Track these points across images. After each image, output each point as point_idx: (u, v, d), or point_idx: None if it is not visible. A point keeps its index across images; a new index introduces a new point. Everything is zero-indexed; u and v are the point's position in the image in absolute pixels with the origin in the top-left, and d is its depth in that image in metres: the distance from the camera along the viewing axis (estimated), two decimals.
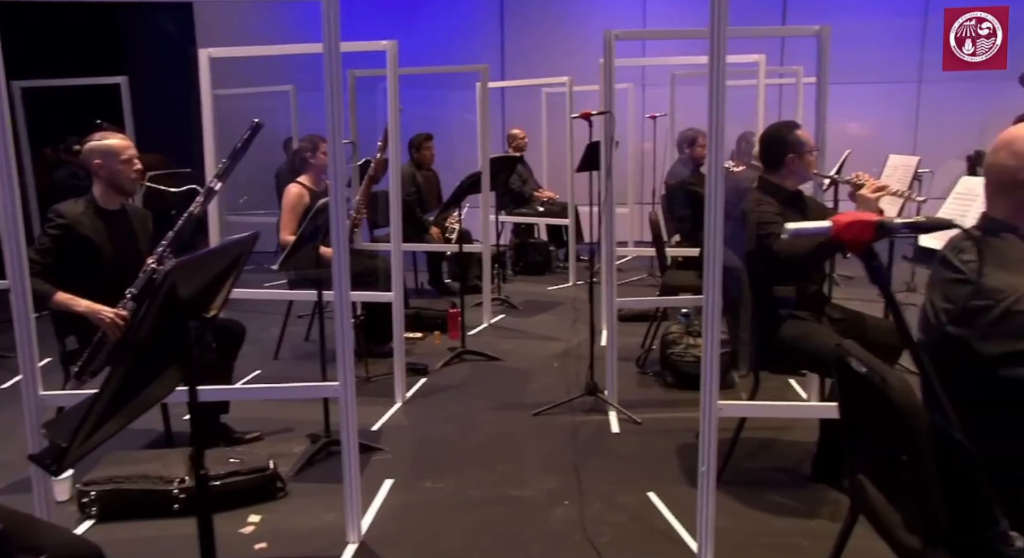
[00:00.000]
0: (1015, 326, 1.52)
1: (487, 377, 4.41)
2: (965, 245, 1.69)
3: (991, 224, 1.69)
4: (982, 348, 1.57)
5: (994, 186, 1.70)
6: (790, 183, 3.11)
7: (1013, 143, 1.66)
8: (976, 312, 1.58)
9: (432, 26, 8.54)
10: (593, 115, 3.68)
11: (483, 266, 5.44)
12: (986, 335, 1.56)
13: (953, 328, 1.63)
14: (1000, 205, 1.69)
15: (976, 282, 1.59)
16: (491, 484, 3.12)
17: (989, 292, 1.56)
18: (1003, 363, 1.54)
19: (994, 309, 1.54)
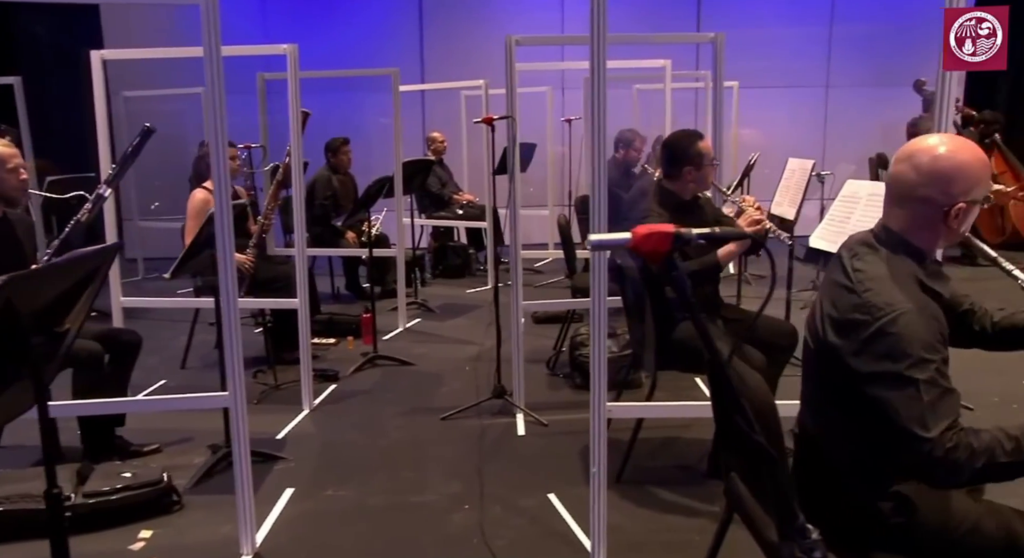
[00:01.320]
0: (885, 346, 1.52)
1: (398, 382, 4.39)
2: (861, 251, 1.69)
3: (886, 234, 1.69)
4: (853, 362, 1.57)
5: (893, 197, 1.70)
6: (686, 192, 3.18)
7: (914, 157, 1.65)
8: (854, 325, 1.58)
9: (351, 28, 8.45)
10: (495, 120, 3.69)
11: (398, 270, 5.41)
12: (858, 350, 1.56)
13: (833, 337, 1.63)
14: (897, 216, 1.69)
15: (861, 294, 1.59)
16: (393, 491, 3.11)
17: (869, 307, 1.56)
18: (868, 381, 1.55)
19: (871, 326, 1.54)
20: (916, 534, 1.68)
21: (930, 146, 1.63)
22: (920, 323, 1.52)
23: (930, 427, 1.46)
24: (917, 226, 1.65)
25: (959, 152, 1.62)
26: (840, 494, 1.74)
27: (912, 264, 1.65)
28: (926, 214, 1.63)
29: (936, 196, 1.61)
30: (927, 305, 1.57)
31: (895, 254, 1.65)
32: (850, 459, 1.72)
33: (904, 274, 1.61)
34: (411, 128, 8.10)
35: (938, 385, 1.49)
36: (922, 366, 1.49)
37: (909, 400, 1.48)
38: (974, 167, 1.62)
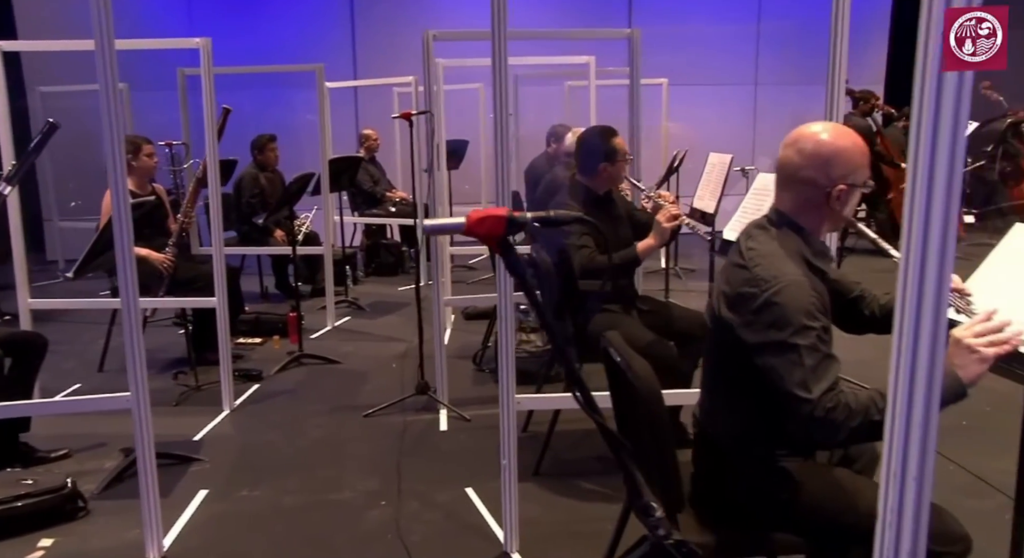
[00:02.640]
0: (771, 316, 1.60)
1: (323, 381, 4.35)
2: (755, 233, 1.78)
3: (776, 216, 1.79)
4: (743, 333, 1.66)
5: (781, 180, 1.79)
6: (600, 187, 3.22)
7: (798, 141, 1.74)
8: (745, 298, 1.66)
9: (281, 24, 8.32)
10: (414, 115, 3.68)
11: (326, 268, 5.36)
12: (749, 322, 1.65)
13: (726, 312, 1.72)
14: (785, 198, 1.78)
15: (751, 269, 1.68)
16: (310, 489, 3.08)
17: (758, 281, 1.64)
18: (757, 351, 1.62)
19: (759, 297, 1.63)
20: (801, 509, 1.74)
21: (813, 132, 1.72)
22: (802, 293, 1.60)
23: (812, 389, 1.53)
24: (803, 208, 1.74)
25: (840, 138, 1.71)
26: (732, 474, 1.79)
27: (799, 242, 1.73)
28: (810, 196, 1.72)
29: (818, 178, 1.70)
30: (810, 278, 1.66)
31: (784, 233, 1.74)
32: (739, 436, 1.78)
33: (791, 251, 1.70)
34: (344, 125, 8.02)
35: (819, 351, 1.57)
36: (804, 333, 1.56)
37: (792, 365, 1.55)
38: (853, 152, 1.71)
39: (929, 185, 0.86)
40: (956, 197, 0.85)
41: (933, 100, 0.84)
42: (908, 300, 0.89)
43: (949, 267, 0.88)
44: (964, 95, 0.83)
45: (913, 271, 0.88)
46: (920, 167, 0.85)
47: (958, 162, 0.85)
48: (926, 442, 0.90)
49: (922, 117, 0.85)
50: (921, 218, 0.86)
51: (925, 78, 0.84)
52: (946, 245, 0.86)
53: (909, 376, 0.90)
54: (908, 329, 0.90)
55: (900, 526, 0.93)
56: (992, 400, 3.71)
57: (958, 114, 0.83)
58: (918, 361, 0.89)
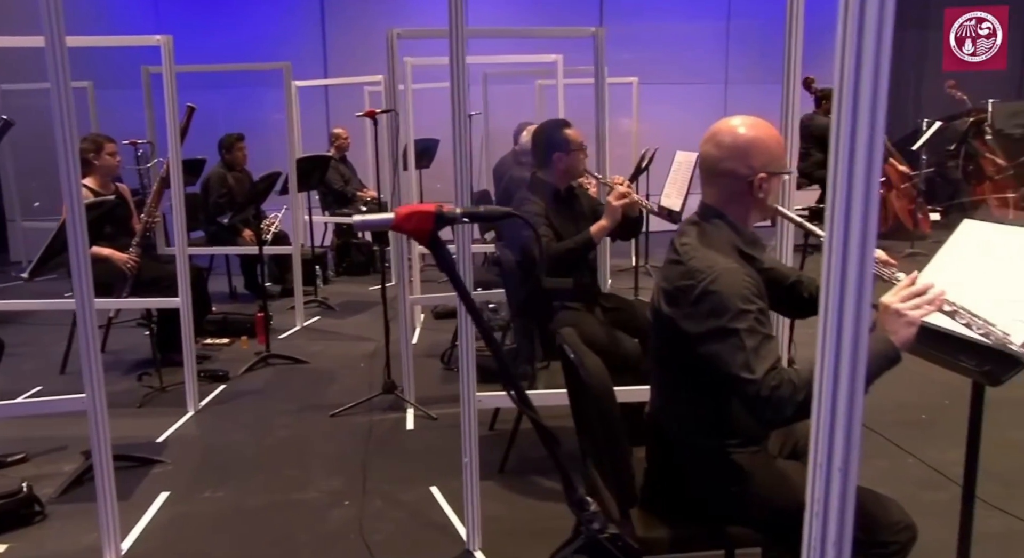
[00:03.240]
0: (709, 305, 1.63)
1: (290, 381, 4.32)
2: (687, 229, 1.82)
3: (705, 210, 1.82)
4: (685, 326, 1.68)
5: (704, 175, 1.83)
6: (560, 180, 3.23)
7: (717, 135, 1.78)
8: (683, 291, 1.69)
9: (251, 22, 8.25)
10: (378, 113, 3.67)
11: (294, 268, 5.33)
12: (689, 313, 1.67)
13: (666, 307, 1.74)
14: (710, 192, 1.82)
15: (686, 263, 1.71)
16: (273, 489, 3.06)
17: (693, 273, 1.68)
18: (699, 340, 1.65)
19: (696, 289, 1.66)
20: (753, 502, 1.76)
21: (731, 126, 1.76)
22: (737, 280, 1.63)
23: (755, 369, 1.55)
24: (729, 200, 1.78)
25: (755, 129, 1.76)
26: (685, 468, 1.81)
27: (730, 233, 1.77)
28: (733, 187, 1.76)
29: (739, 169, 1.74)
30: (743, 266, 1.69)
31: (713, 226, 1.77)
32: (689, 430, 1.80)
33: (722, 242, 1.74)
34: (315, 124, 7.98)
35: (758, 332, 1.59)
36: (742, 317, 1.59)
37: (734, 349, 1.58)
38: (769, 142, 1.76)
39: (850, 167, 0.87)
40: (875, 179, 0.87)
41: (852, 80, 0.85)
42: (832, 288, 0.90)
43: (870, 260, 0.89)
44: (882, 71, 0.85)
45: (835, 268, 0.90)
46: (841, 147, 0.87)
47: (877, 140, 0.86)
48: (851, 434, 0.92)
49: (842, 99, 0.86)
50: (843, 200, 0.88)
51: (845, 52, 0.86)
52: (867, 227, 0.87)
53: (833, 370, 0.91)
54: (832, 324, 0.91)
55: (827, 517, 0.95)
56: (951, 394, 3.77)
57: (875, 93, 0.85)
58: (842, 355, 0.91)
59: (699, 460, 1.78)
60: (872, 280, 0.91)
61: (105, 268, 4.15)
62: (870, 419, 3.62)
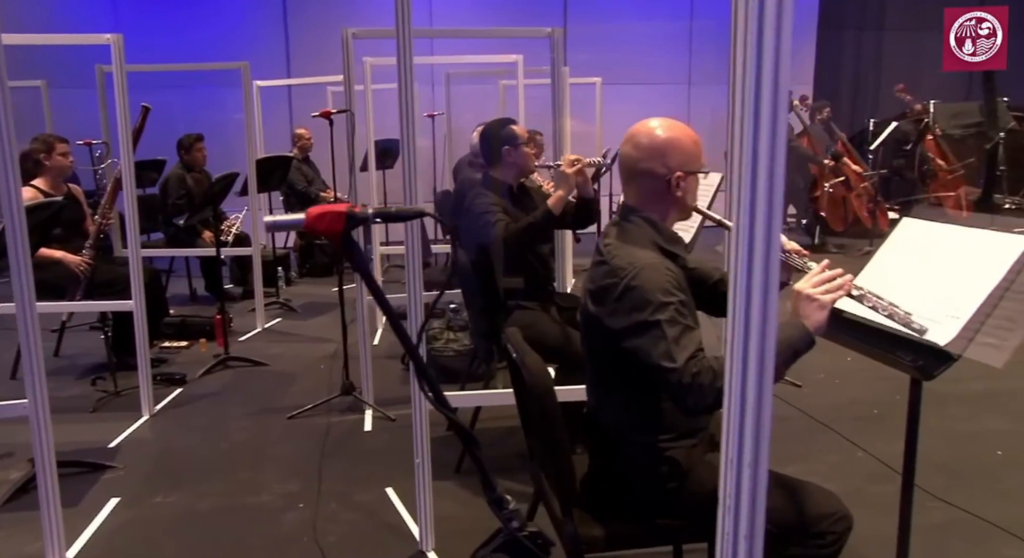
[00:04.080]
0: (631, 300, 1.66)
1: (248, 383, 4.28)
2: (610, 230, 1.86)
3: (626, 210, 1.86)
4: (610, 323, 1.71)
5: (623, 175, 1.87)
6: (510, 176, 3.23)
7: (635, 136, 1.83)
8: (607, 290, 1.71)
9: (212, 21, 8.16)
10: (334, 114, 3.65)
11: (254, 269, 5.28)
12: (613, 310, 1.70)
13: (592, 306, 1.77)
14: (630, 192, 1.86)
15: (609, 262, 1.74)
16: (227, 493, 3.03)
17: (616, 270, 1.71)
18: (624, 335, 1.67)
19: (618, 286, 1.69)
20: (689, 497, 1.78)
21: (648, 127, 1.80)
22: (657, 274, 1.67)
23: (676, 358, 1.58)
24: (648, 199, 1.81)
25: (671, 130, 1.80)
26: (622, 465, 1.82)
27: (650, 231, 1.80)
28: (652, 186, 1.80)
29: (656, 168, 1.78)
30: (663, 260, 1.73)
31: (634, 224, 1.81)
32: (624, 427, 1.81)
33: (644, 240, 1.78)
34: (278, 124, 7.90)
35: (678, 323, 1.63)
36: (662, 309, 1.63)
37: (656, 340, 1.61)
38: (685, 142, 1.80)
39: (753, 164, 0.88)
40: (780, 176, 0.89)
41: (754, 76, 0.87)
42: (739, 285, 0.92)
43: (776, 269, 0.91)
44: (782, 69, 0.86)
45: (742, 263, 0.91)
46: (745, 140, 0.88)
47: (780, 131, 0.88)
48: (760, 429, 0.93)
49: (744, 92, 0.88)
50: (748, 194, 0.89)
51: (746, 53, 0.87)
52: (772, 222, 0.89)
53: (741, 368, 0.93)
54: (739, 323, 0.92)
55: (738, 511, 0.96)
56: (901, 389, 3.83)
57: (776, 86, 0.87)
58: (749, 352, 0.92)
59: (636, 456, 1.79)
60: (778, 276, 0.92)
61: (57, 271, 4.09)
62: (823, 415, 3.69)
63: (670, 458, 1.79)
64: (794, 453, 3.30)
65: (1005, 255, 1.84)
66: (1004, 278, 1.84)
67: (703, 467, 1.81)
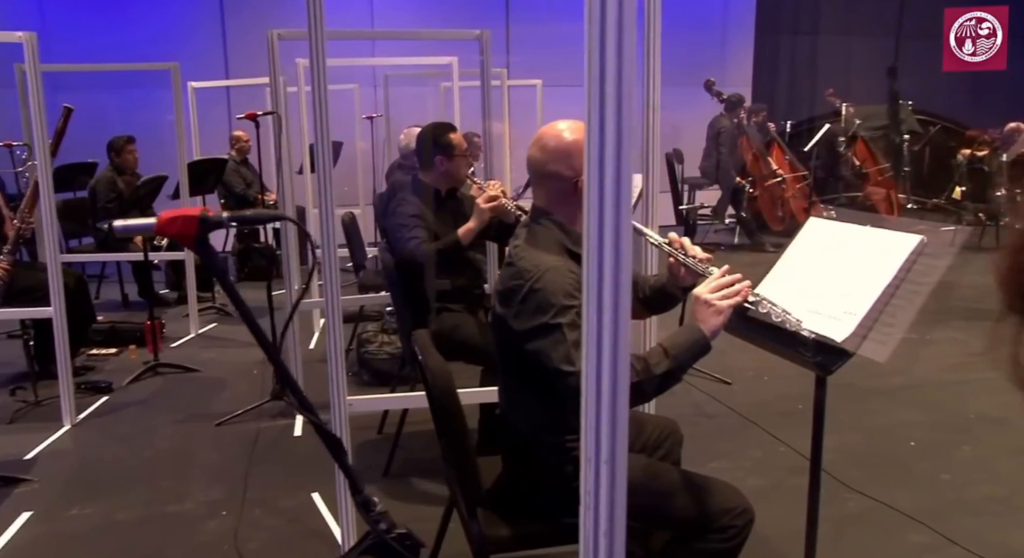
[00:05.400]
0: (535, 302, 1.67)
1: (178, 390, 4.20)
2: (519, 232, 1.87)
3: (534, 212, 1.87)
4: (515, 325, 1.72)
5: (532, 178, 1.88)
6: (441, 183, 3.23)
7: (541, 139, 1.84)
8: (512, 291, 1.73)
9: (147, 21, 7.98)
10: (259, 115, 3.61)
11: (187, 274, 5.18)
12: (517, 312, 1.71)
13: (499, 308, 1.78)
14: (539, 195, 1.87)
15: (516, 264, 1.75)
16: (148, 503, 2.97)
17: (521, 273, 1.72)
18: (526, 338, 1.69)
19: (523, 288, 1.70)
20: None
21: (556, 130, 1.82)
22: (560, 277, 1.68)
23: (575, 362, 1.60)
24: (556, 201, 1.83)
25: (578, 132, 1.82)
26: (531, 465, 1.84)
27: (558, 233, 1.81)
28: (559, 188, 1.81)
29: (563, 170, 1.79)
30: (567, 263, 1.74)
31: (542, 227, 1.82)
32: (533, 427, 1.83)
33: (551, 242, 1.79)
34: (217, 126, 7.76)
35: (579, 326, 1.62)
36: (564, 312, 1.64)
37: (556, 343, 1.63)
38: None
39: (600, 167, 0.90)
40: (626, 175, 0.90)
41: (598, 78, 0.88)
42: (591, 288, 0.93)
43: (627, 270, 0.93)
44: (626, 71, 0.88)
45: (592, 267, 0.93)
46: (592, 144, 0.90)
47: (624, 136, 0.90)
48: (615, 427, 0.95)
49: (590, 97, 0.89)
50: (596, 200, 0.91)
51: (591, 50, 0.89)
52: (620, 222, 0.90)
53: (596, 367, 0.94)
54: (592, 323, 0.94)
55: (597, 509, 0.98)
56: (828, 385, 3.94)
57: (620, 89, 0.88)
58: (603, 353, 0.94)
59: (544, 456, 1.81)
60: (629, 278, 0.94)
61: None
62: (751, 411, 3.76)
63: (577, 457, 1.79)
64: (721, 449, 3.37)
65: (897, 254, 1.91)
66: (895, 276, 1.90)
67: None
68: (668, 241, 1.92)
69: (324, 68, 2.35)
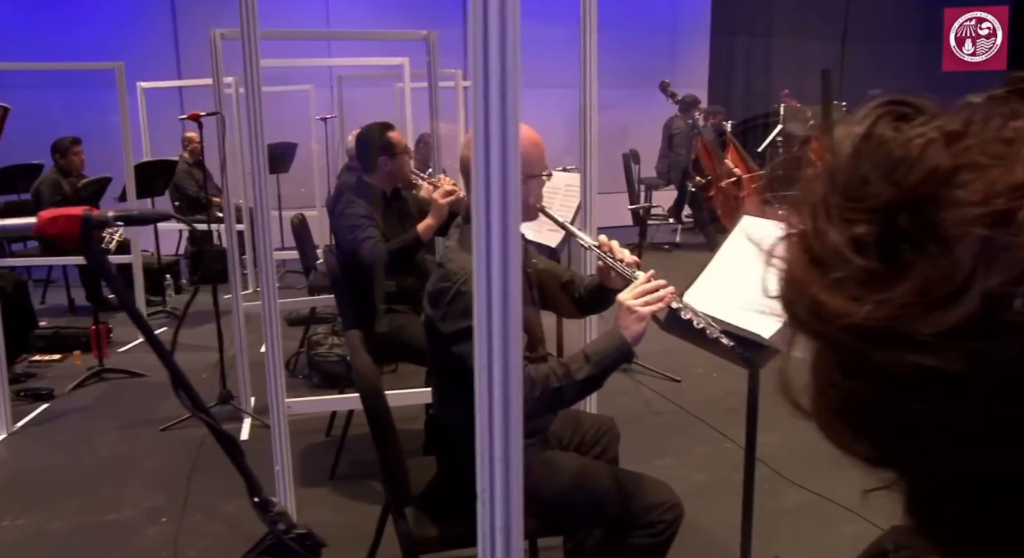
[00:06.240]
0: (462, 305, 1.67)
1: (123, 395, 4.13)
2: (452, 232, 1.87)
3: (465, 213, 1.87)
4: (442, 326, 1.72)
5: (465, 178, 1.89)
6: (385, 183, 3.22)
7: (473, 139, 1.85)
8: (441, 294, 1.73)
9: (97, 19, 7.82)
10: (203, 116, 3.56)
11: (135, 277, 5.09)
12: (445, 314, 1.71)
13: (428, 309, 1.78)
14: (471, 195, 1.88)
15: (445, 265, 1.75)
16: (85, 512, 2.91)
17: (450, 275, 1.72)
18: (453, 340, 1.68)
19: (451, 290, 1.70)
20: (525, 494, 1.80)
21: None
22: None
23: None
24: None
25: None
26: (461, 466, 1.84)
27: None
28: None
29: None
30: None
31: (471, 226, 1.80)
32: (462, 426, 1.82)
33: None
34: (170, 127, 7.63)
35: None
36: None
37: None
38: (526, 145, 1.80)
39: (487, 169, 0.90)
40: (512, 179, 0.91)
41: (482, 85, 0.88)
42: (480, 292, 0.93)
43: (515, 264, 0.93)
44: (508, 74, 0.89)
45: (481, 270, 0.93)
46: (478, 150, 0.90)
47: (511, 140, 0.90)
48: (508, 426, 0.95)
49: (476, 102, 0.89)
50: (482, 207, 0.91)
51: (477, 49, 0.89)
52: (507, 228, 0.91)
53: (487, 368, 0.95)
54: (482, 322, 0.94)
55: (493, 505, 0.98)
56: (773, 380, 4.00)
57: (504, 87, 0.89)
58: (493, 354, 0.94)
59: (473, 457, 1.81)
60: (518, 280, 0.94)
61: None
62: (698, 409, 3.81)
63: None
64: (668, 446, 3.40)
65: None
66: None
67: (540, 463, 1.84)
68: (598, 244, 1.93)
69: (257, 67, 2.32)
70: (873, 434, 0.40)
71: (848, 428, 0.41)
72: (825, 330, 0.38)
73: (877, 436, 0.39)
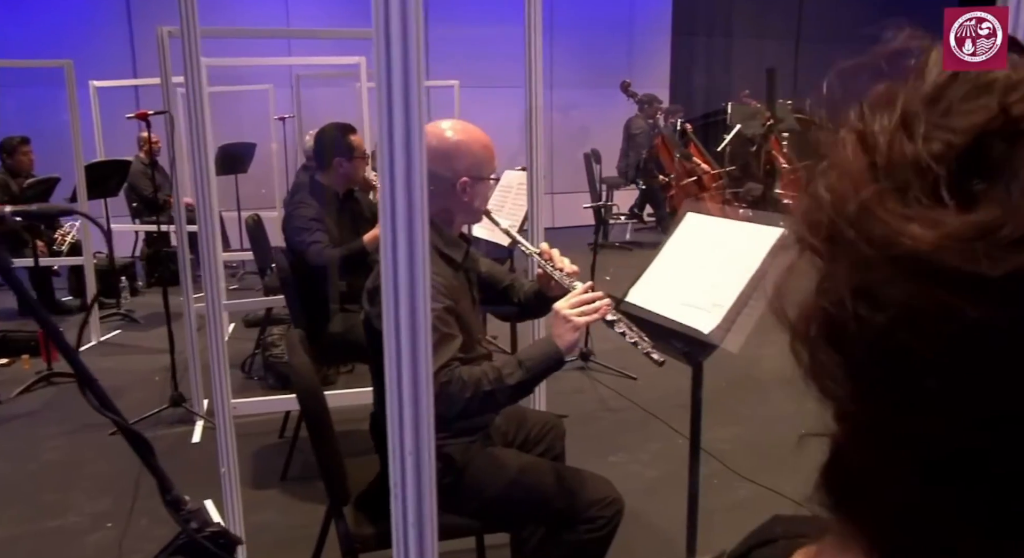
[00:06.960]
0: None
1: (71, 400, 4.04)
2: None
3: None
4: (377, 324, 1.71)
5: None
6: (339, 184, 3.21)
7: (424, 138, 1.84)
8: (377, 290, 1.71)
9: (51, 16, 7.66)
10: (151, 115, 3.51)
11: (87, 279, 5.00)
12: (379, 312, 1.70)
13: (367, 306, 1.77)
14: None
15: None
16: (25, 519, 2.85)
17: None
18: None
19: None
20: (466, 492, 1.81)
21: (438, 129, 1.80)
22: None
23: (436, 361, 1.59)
24: (433, 201, 1.79)
25: (461, 134, 1.80)
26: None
27: (431, 235, 1.78)
28: (438, 189, 1.79)
29: (442, 172, 1.78)
30: (438, 265, 1.74)
31: None
32: None
33: None
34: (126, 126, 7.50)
35: (437, 330, 1.65)
36: None
37: None
38: (473, 146, 1.80)
39: (391, 173, 0.90)
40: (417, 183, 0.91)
41: (385, 86, 0.88)
42: (388, 289, 0.93)
43: (421, 263, 0.93)
44: (411, 77, 0.89)
45: (388, 268, 0.93)
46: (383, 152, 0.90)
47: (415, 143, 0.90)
48: (418, 421, 0.95)
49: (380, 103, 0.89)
50: (388, 213, 0.91)
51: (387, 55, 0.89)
52: (414, 235, 0.91)
53: (396, 366, 0.95)
54: (390, 316, 0.94)
55: (405, 499, 0.98)
56: (729, 376, 4.05)
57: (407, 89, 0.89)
58: (402, 352, 0.94)
59: None
60: (425, 279, 0.94)
61: None
62: (653, 405, 3.84)
63: (445, 455, 1.80)
64: (620, 443, 3.42)
65: (760, 247, 1.97)
66: (759, 268, 1.96)
67: (481, 463, 1.84)
68: (539, 251, 1.94)
69: (199, 65, 2.30)
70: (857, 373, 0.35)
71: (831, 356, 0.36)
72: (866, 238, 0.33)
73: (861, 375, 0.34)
